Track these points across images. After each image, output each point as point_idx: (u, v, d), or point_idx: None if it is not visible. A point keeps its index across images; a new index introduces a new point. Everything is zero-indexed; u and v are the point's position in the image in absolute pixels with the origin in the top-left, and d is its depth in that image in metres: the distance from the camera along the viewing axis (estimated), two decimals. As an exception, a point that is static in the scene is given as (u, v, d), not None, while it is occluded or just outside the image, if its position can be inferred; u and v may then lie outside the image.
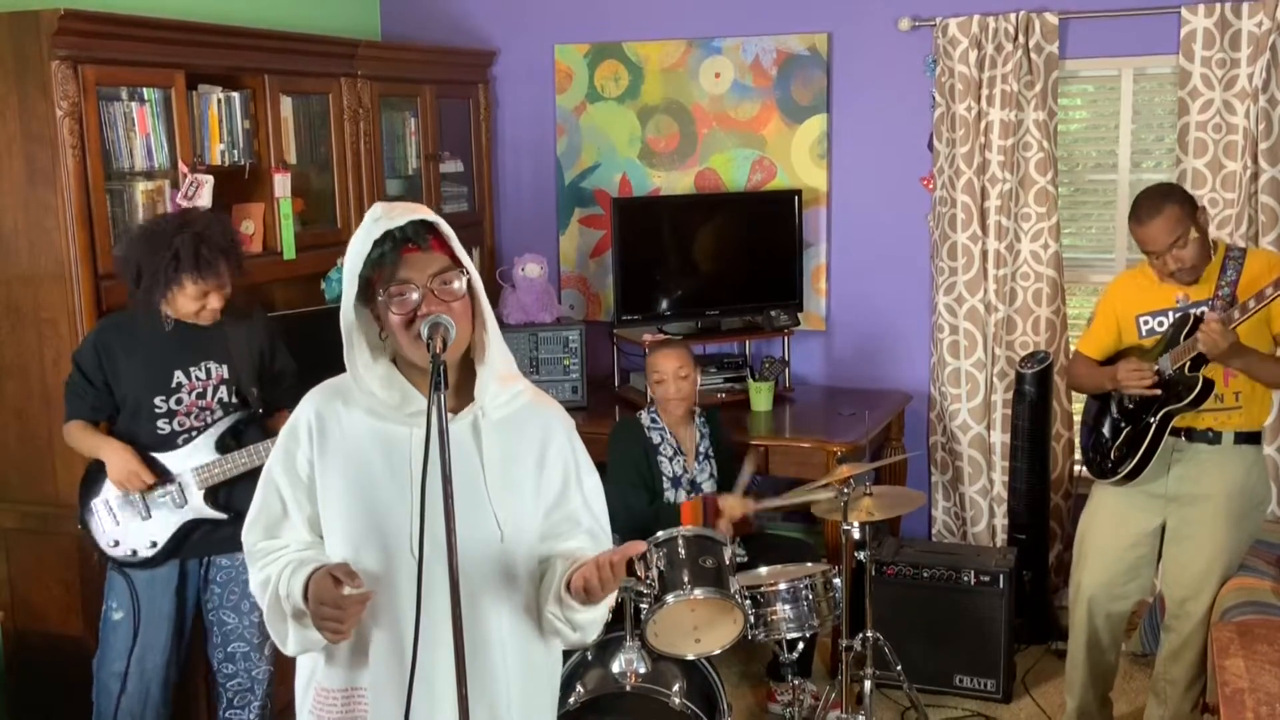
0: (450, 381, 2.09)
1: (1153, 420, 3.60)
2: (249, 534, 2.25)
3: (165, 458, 3.41)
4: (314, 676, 2.23)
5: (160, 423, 3.40)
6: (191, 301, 3.33)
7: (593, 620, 2.19)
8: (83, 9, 3.63)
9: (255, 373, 3.52)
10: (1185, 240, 3.49)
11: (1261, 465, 3.75)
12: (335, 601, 2.03)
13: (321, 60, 4.66)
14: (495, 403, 2.17)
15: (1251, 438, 3.66)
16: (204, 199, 4.06)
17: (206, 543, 3.48)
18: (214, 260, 3.31)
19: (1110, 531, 3.81)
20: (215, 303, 3.37)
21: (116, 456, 3.35)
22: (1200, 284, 3.59)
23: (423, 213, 2.09)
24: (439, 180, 5.35)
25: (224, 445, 3.44)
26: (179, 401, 3.41)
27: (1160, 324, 3.67)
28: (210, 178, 4.06)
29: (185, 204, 4.03)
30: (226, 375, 3.47)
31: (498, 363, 2.17)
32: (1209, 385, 3.50)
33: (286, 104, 4.48)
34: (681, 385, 4.21)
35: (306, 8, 5.25)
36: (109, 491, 3.41)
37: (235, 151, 4.27)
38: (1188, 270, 3.53)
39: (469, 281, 2.10)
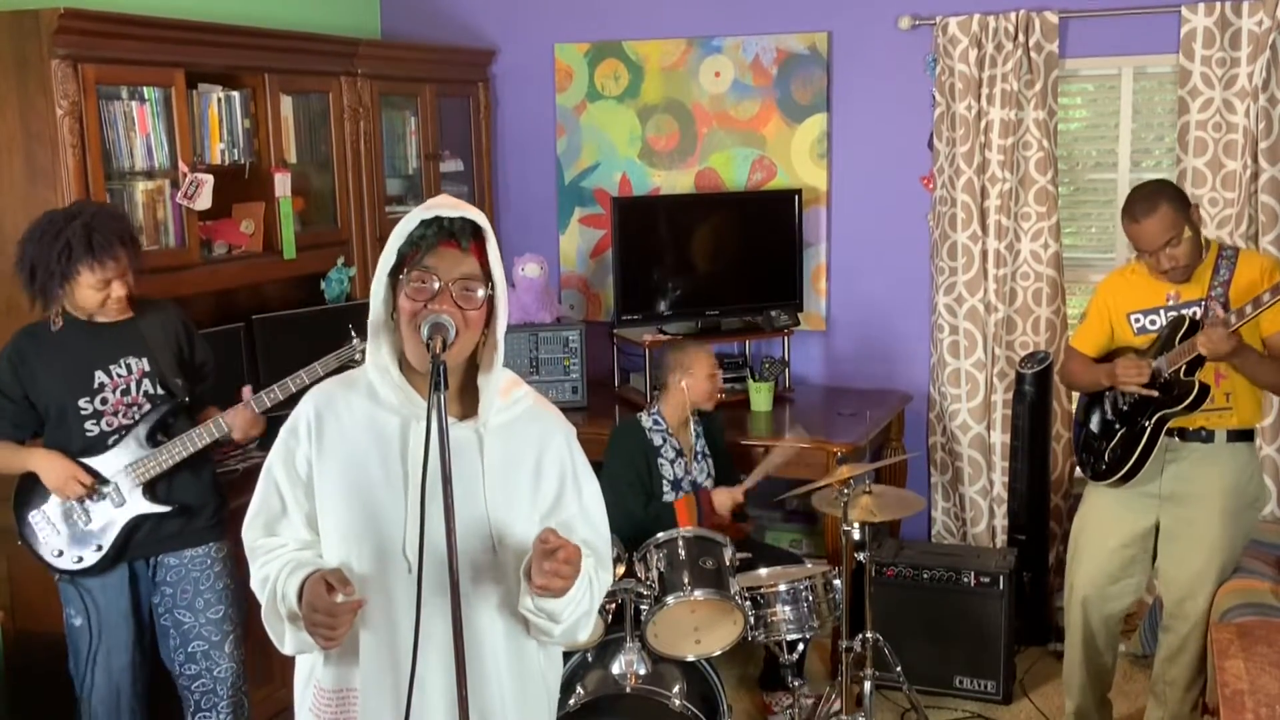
0: (451, 387, 2.09)
1: (1148, 423, 3.60)
2: (249, 531, 2.25)
3: (97, 460, 3.35)
4: (312, 675, 2.23)
5: (89, 424, 3.33)
6: (93, 292, 3.26)
7: (566, 609, 2.13)
8: (83, 8, 3.63)
9: (175, 362, 3.47)
10: (1179, 239, 3.49)
11: (1256, 463, 3.76)
12: (328, 609, 2.03)
13: (321, 59, 4.66)
14: (495, 409, 2.17)
15: (1244, 436, 3.66)
16: (204, 198, 4.06)
17: (151, 541, 3.43)
18: (109, 244, 3.23)
19: (1103, 532, 3.81)
20: (119, 290, 3.28)
21: (49, 464, 3.29)
22: (1192, 283, 3.59)
23: (477, 216, 2.10)
24: (439, 179, 5.34)
25: (154, 439, 3.38)
26: (104, 401, 3.34)
27: (1153, 322, 3.67)
28: (210, 177, 4.06)
29: (185, 203, 4.03)
30: (148, 368, 3.40)
31: (500, 378, 2.17)
32: (1205, 390, 3.50)
33: (286, 103, 4.48)
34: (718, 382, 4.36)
35: (306, 7, 5.24)
36: (45, 503, 3.35)
37: (235, 151, 4.27)
38: (1180, 269, 3.54)
39: (492, 297, 2.11)
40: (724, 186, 5.42)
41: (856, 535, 3.83)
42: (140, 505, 3.38)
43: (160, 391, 3.42)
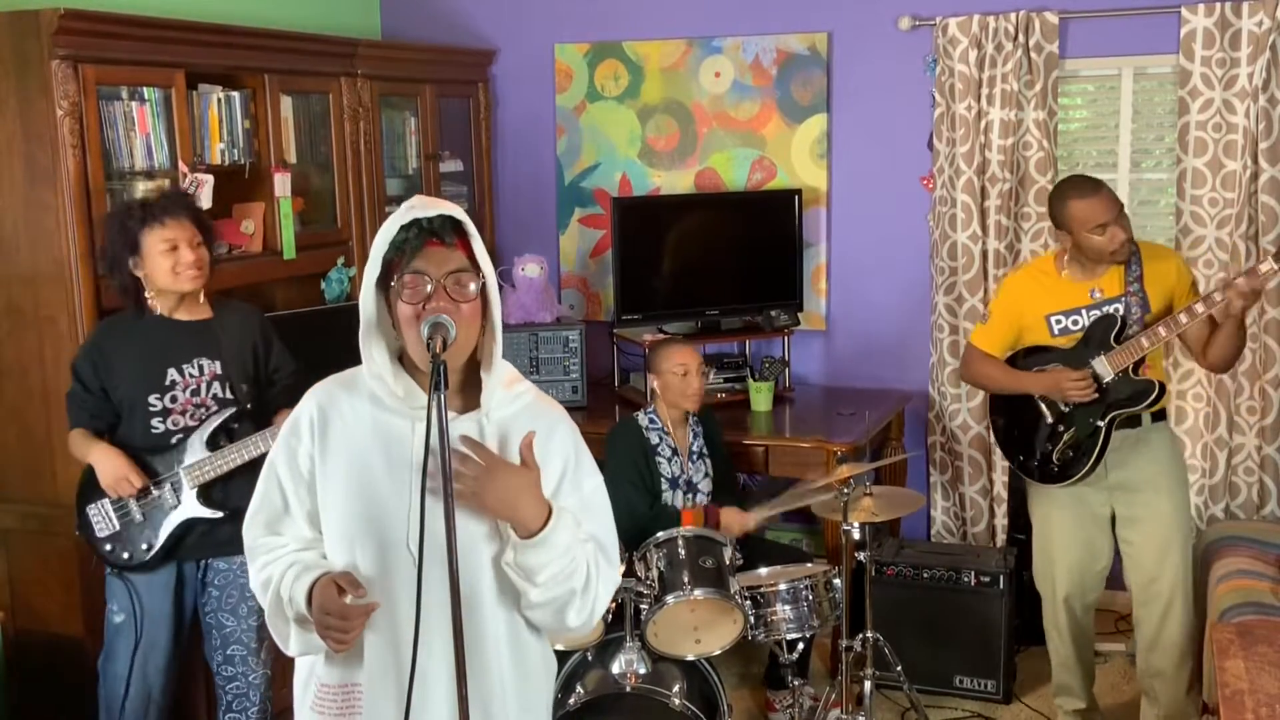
0: (453, 383, 2.09)
1: (1102, 424, 3.67)
2: (249, 529, 2.25)
3: (157, 459, 3.39)
4: (314, 673, 2.24)
5: (155, 421, 3.38)
6: (162, 257, 3.30)
7: (543, 571, 2.09)
8: (83, 9, 3.63)
9: (245, 369, 3.50)
10: (1123, 212, 3.61)
11: (1178, 441, 4.00)
12: (340, 612, 2.04)
13: (321, 60, 4.66)
14: (497, 400, 2.17)
15: (1161, 415, 3.80)
16: (204, 198, 4.06)
17: (203, 544, 3.46)
18: (168, 205, 3.33)
19: (1067, 528, 3.86)
20: (187, 254, 3.32)
21: (105, 461, 3.33)
22: (1108, 278, 3.67)
23: (454, 211, 2.11)
24: (439, 180, 5.35)
25: (215, 443, 3.41)
26: (174, 399, 3.39)
27: (1075, 322, 3.73)
28: (210, 177, 4.06)
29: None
30: (219, 371, 3.44)
31: (502, 370, 2.18)
32: (1163, 388, 3.65)
33: (286, 103, 4.47)
34: (701, 380, 4.24)
35: (306, 7, 5.24)
36: (103, 496, 3.39)
37: (235, 151, 4.27)
38: (1127, 243, 3.60)
39: (484, 287, 2.11)
40: (724, 187, 5.42)
41: (856, 535, 3.83)
42: (194, 509, 3.41)
43: (228, 395, 3.46)
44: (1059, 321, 3.74)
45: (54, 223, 3.67)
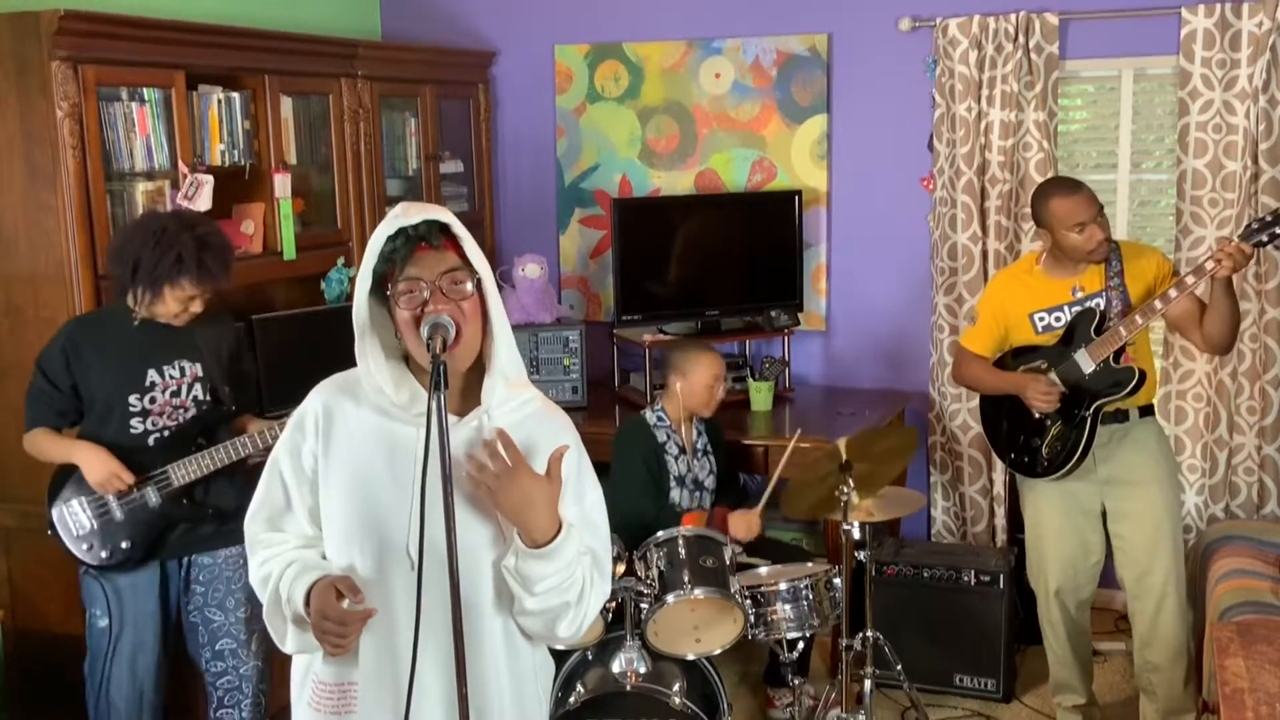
0: (458, 389, 2.09)
1: (1087, 415, 3.70)
2: (251, 524, 2.25)
3: (134, 459, 3.36)
4: (311, 669, 2.24)
5: (134, 422, 3.36)
6: (177, 304, 3.31)
7: (542, 582, 2.08)
8: (83, 9, 3.64)
9: (225, 371, 3.50)
10: (1102, 210, 3.66)
11: (1165, 435, 3.97)
12: (338, 617, 2.04)
13: (322, 60, 4.66)
14: (501, 409, 2.16)
15: (1149, 410, 3.83)
16: (204, 199, 4.06)
17: (185, 541, 3.45)
18: (215, 270, 3.30)
19: (1058, 522, 3.88)
20: (197, 307, 3.35)
21: (94, 458, 3.30)
22: (1089, 275, 3.71)
23: (439, 213, 2.09)
24: (439, 180, 5.35)
25: (196, 444, 3.41)
26: (153, 400, 3.37)
27: (1057, 319, 3.77)
28: (210, 178, 4.06)
29: (185, 204, 4.03)
30: (200, 373, 3.44)
31: (506, 368, 2.15)
32: (1144, 375, 3.67)
33: (287, 104, 4.48)
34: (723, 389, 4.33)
35: (306, 8, 5.25)
36: (79, 495, 3.36)
37: (235, 152, 4.27)
38: (1104, 243, 3.64)
39: (480, 284, 2.11)
40: (724, 187, 5.43)
41: (856, 534, 3.83)
42: (174, 507, 3.40)
43: (208, 398, 3.46)
44: (1042, 319, 3.78)
45: (54, 223, 3.68)
